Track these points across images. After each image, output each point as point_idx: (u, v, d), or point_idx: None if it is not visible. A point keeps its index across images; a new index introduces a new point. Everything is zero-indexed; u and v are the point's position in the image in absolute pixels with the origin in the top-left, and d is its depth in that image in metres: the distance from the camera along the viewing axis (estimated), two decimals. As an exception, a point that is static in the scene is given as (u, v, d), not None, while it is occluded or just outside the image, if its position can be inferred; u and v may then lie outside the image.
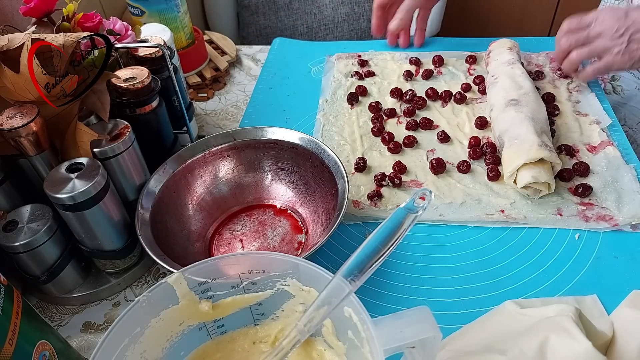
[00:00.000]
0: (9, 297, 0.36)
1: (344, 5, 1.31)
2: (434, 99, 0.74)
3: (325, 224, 0.53)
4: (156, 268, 0.56)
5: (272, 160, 0.60)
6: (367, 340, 0.33)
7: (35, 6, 0.49)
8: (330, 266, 0.53)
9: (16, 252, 0.45)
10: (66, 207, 0.45)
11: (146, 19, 0.74)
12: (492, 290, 0.50)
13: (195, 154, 0.58)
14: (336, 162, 0.54)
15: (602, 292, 0.49)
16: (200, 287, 0.37)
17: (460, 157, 0.65)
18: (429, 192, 0.36)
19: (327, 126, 0.71)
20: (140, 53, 0.58)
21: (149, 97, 0.54)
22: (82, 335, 0.50)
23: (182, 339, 0.39)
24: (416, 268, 0.53)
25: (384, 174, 0.62)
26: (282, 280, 0.38)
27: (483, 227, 0.57)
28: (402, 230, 0.34)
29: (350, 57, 0.83)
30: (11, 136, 0.45)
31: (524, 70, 0.70)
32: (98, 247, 0.49)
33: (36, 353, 0.37)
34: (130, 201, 0.53)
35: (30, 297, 0.53)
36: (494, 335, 0.45)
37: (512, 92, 0.66)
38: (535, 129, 0.60)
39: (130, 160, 0.51)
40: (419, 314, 0.32)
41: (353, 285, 0.32)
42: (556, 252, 0.53)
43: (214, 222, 0.58)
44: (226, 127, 0.75)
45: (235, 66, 0.88)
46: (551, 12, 1.72)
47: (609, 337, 0.44)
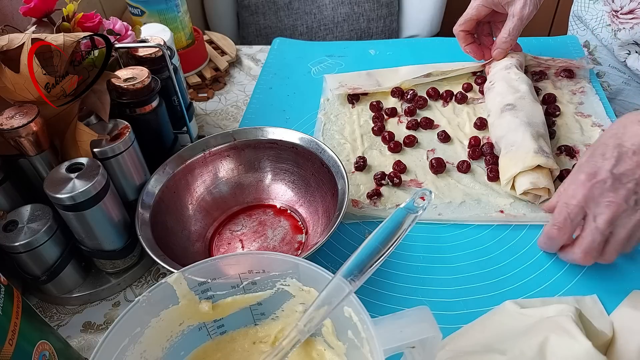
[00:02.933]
0: (9, 297, 0.36)
1: (344, 5, 1.31)
2: (435, 99, 0.74)
3: (325, 224, 0.53)
4: (156, 268, 0.56)
5: (272, 160, 0.60)
6: (367, 340, 0.33)
7: (35, 6, 0.49)
8: (330, 266, 0.53)
9: (16, 252, 0.45)
10: (66, 207, 0.45)
11: (146, 19, 0.74)
12: (492, 290, 0.50)
13: (195, 154, 0.58)
14: (336, 162, 0.54)
15: (602, 292, 0.49)
16: (200, 287, 0.37)
17: (461, 157, 0.65)
18: (429, 192, 0.36)
19: (328, 125, 0.71)
20: (140, 53, 0.58)
21: (149, 97, 0.54)
22: (82, 335, 0.50)
23: (182, 339, 0.39)
24: (416, 268, 0.53)
25: (383, 173, 0.62)
26: (282, 280, 0.38)
27: (483, 227, 0.57)
28: (402, 230, 0.34)
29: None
30: (11, 136, 0.45)
31: (521, 73, 0.70)
32: (98, 247, 0.49)
33: (36, 353, 0.37)
34: (130, 201, 0.53)
35: (30, 297, 0.53)
36: (494, 335, 0.45)
37: (508, 97, 0.65)
38: (532, 133, 0.59)
39: (130, 160, 0.51)
40: (419, 314, 0.32)
41: (353, 285, 0.32)
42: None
43: (214, 222, 0.58)
44: (226, 127, 0.75)
45: (235, 66, 0.88)
46: (551, 12, 1.72)
47: (609, 337, 0.44)
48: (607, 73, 0.83)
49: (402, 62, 0.81)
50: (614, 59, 0.80)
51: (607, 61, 0.82)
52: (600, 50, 0.82)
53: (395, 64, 0.80)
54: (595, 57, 0.83)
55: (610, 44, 0.78)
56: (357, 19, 1.34)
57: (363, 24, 1.35)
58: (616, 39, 0.77)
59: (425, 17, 1.37)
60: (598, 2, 0.80)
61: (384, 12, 1.34)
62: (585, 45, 0.84)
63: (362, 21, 1.34)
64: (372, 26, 1.35)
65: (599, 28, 0.80)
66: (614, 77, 0.82)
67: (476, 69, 0.77)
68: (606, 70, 0.83)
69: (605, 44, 0.80)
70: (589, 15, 0.82)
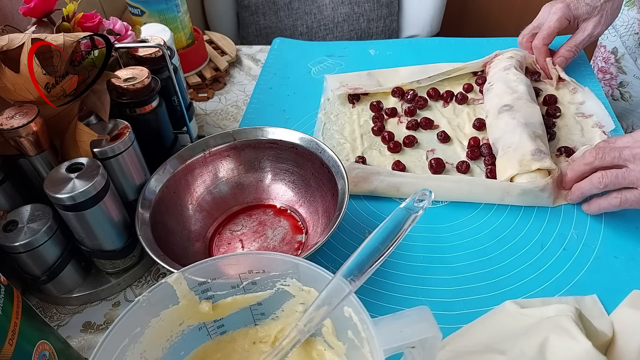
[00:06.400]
0: (9, 297, 0.36)
1: (344, 5, 1.31)
2: (435, 99, 0.74)
3: (325, 224, 0.53)
4: (156, 268, 0.56)
5: (272, 160, 0.60)
6: (367, 340, 0.33)
7: (35, 6, 0.49)
8: (330, 266, 0.53)
9: (16, 252, 0.45)
10: (66, 207, 0.45)
11: (146, 19, 0.74)
12: (492, 290, 0.50)
13: (195, 154, 0.58)
14: (336, 162, 0.54)
15: (602, 292, 0.49)
16: (200, 287, 0.37)
17: (460, 157, 0.65)
18: (429, 192, 0.36)
19: (328, 125, 0.71)
20: (140, 53, 0.58)
21: (149, 97, 0.54)
22: (82, 335, 0.50)
23: (182, 339, 0.39)
24: (416, 268, 0.53)
25: (384, 174, 0.62)
26: (282, 280, 0.38)
27: (483, 227, 0.57)
28: (402, 230, 0.34)
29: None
30: (11, 136, 0.45)
31: (520, 74, 0.70)
32: (98, 247, 0.49)
33: (36, 353, 0.37)
34: (130, 201, 0.53)
35: (30, 297, 0.53)
36: (494, 336, 0.45)
37: (505, 98, 0.65)
38: (529, 134, 0.59)
39: (130, 160, 0.51)
40: (419, 314, 0.32)
41: (353, 285, 0.32)
42: (556, 252, 0.53)
43: (214, 222, 0.58)
44: (226, 127, 0.75)
45: (235, 66, 0.88)
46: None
47: (609, 337, 0.44)
48: (631, 83, 0.81)
49: (402, 62, 0.81)
50: (638, 69, 0.79)
51: (633, 71, 0.81)
52: (626, 59, 0.81)
53: (395, 64, 0.80)
54: (621, 65, 0.82)
55: (634, 52, 0.77)
56: (357, 19, 1.34)
57: (363, 24, 1.35)
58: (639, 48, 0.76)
59: (425, 17, 1.37)
60: (632, 9, 0.79)
61: (384, 12, 1.34)
62: (613, 52, 0.83)
63: (362, 21, 1.34)
64: (372, 26, 1.35)
65: (626, 35, 0.79)
66: (637, 88, 0.81)
67: (476, 69, 0.77)
68: (630, 80, 0.81)
69: (630, 52, 0.79)
70: (620, 21, 0.81)
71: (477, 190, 0.58)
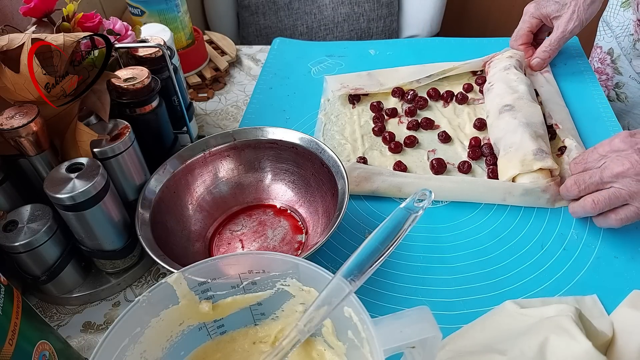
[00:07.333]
0: (9, 297, 0.36)
1: (344, 5, 1.31)
2: (435, 99, 0.74)
3: (325, 224, 0.53)
4: (156, 268, 0.56)
5: (272, 160, 0.60)
6: (367, 340, 0.33)
7: (35, 6, 0.49)
8: (330, 266, 0.53)
9: (16, 252, 0.45)
10: (66, 207, 0.45)
11: (146, 19, 0.74)
12: (492, 290, 0.50)
13: (195, 154, 0.58)
14: (336, 162, 0.54)
15: (602, 292, 0.49)
16: (200, 287, 0.37)
17: (461, 157, 0.65)
18: (429, 192, 0.36)
19: (329, 125, 0.71)
20: (140, 53, 0.58)
21: (149, 97, 0.54)
22: (82, 335, 0.50)
23: (182, 339, 0.39)
24: (416, 268, 0.53)
25: (384, 174, 0.62)
26: (282, 280, 0.38)
27: (483, 227, 0.57)
28: (402, 230, 0.34)
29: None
30: (11, 136, 0.45)
31: (520, 74, 0.70)
32: (98, 247, 0.49)
33: (36, 353, 0.37)
34: (130, 201, 0.53)
35: (30, 297, 0.53)
36: (494, 336, 0.45)
37: (506, 98, 0.65)
38: (530, 134, 0.59)
39: (130, 160, 0.51)
40: (419, 314, 0.32)
41: (353, 285, 0.32)
42: (556, 252, 0.53)
43: (214, 222, 0.58)
44: (226, 127, 0.75)
45: (235, 66, 0.88)
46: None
47: (609, 337, 0.44)
48: (627, 84, 0.81)
49: (402, 62, 0.81)
50: (633, 70, 0.79)
51: (628, 72, 0.80)
52: (622, 60, 0.81)
53: (395, 64, 0.80)
54: (617, 66, 0.82)
55: (629, 54, 0.77)
56: (357, 19, 1.34)
57: (363, 24, 1.35)
58: (635, 49, 0.76)
59: (425, 17, 1.37)
60: (628, 10, 0.78)
61: (384, 12, 1.34)
62: (609, 53, 0.83)
63: (362, 21, 1.34)
64: (372, 26, 1.35)
65: (622, 36, 0.79)
66: (633, 89, 0.81)
67: (476, 69, 0.77)
68: (626, 81, 0.81)
69: (625, 53, 0.79)
70: (616, 22, 0.80)
71: (479, 190, 0.58)
